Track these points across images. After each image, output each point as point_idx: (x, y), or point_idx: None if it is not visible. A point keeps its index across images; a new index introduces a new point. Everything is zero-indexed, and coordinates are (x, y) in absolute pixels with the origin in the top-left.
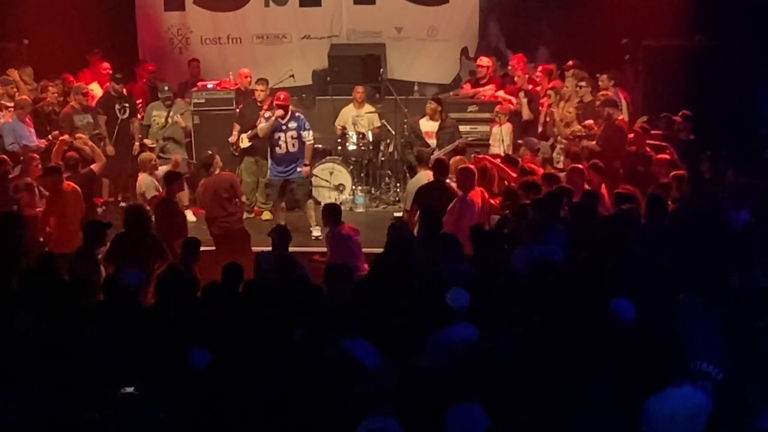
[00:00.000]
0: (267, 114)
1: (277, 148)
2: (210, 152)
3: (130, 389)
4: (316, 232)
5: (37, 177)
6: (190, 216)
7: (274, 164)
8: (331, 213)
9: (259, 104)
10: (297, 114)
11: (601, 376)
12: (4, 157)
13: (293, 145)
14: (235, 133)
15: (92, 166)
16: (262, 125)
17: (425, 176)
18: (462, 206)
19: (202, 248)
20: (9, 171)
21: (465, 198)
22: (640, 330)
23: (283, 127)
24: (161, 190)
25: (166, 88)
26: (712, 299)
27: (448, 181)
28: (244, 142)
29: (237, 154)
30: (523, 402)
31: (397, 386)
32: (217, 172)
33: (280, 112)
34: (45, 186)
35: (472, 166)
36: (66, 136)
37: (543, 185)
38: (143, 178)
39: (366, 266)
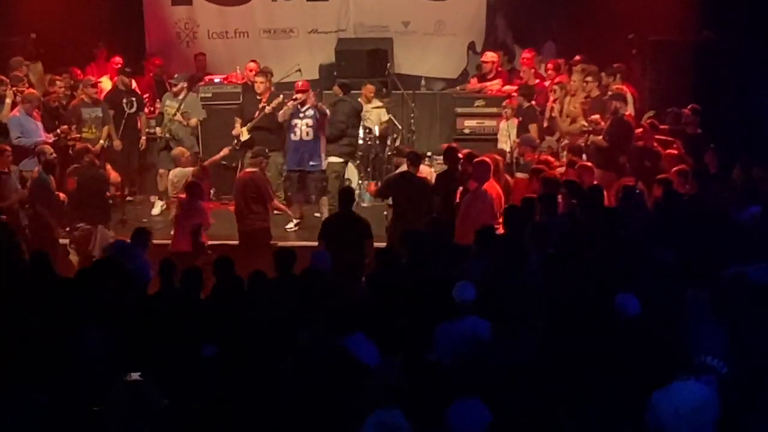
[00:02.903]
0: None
1: (292, 135)
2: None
3: (135, 375)
4: None
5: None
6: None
7: (289, 154)
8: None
9: (258, 97)
10: (319, 104)
11: (605, 371)
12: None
13: (307, 133)
14: (237, 126)
15: (112, 176)
16: (282, 110)
17: None
18: (475, 198)
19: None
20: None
21: (478, 190)
22: (645, 325)
23: (300, 114)
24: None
25: (177, 76)
26: (717, 294)
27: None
28: (245, 135)
29: (239, 147)
30: (527, 397)
31: (402, 380)
32: (251, 169)
33: (299, 95)
34: None
35: (487, 159)
36: (64, 127)
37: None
38: (179, 172)
39: None
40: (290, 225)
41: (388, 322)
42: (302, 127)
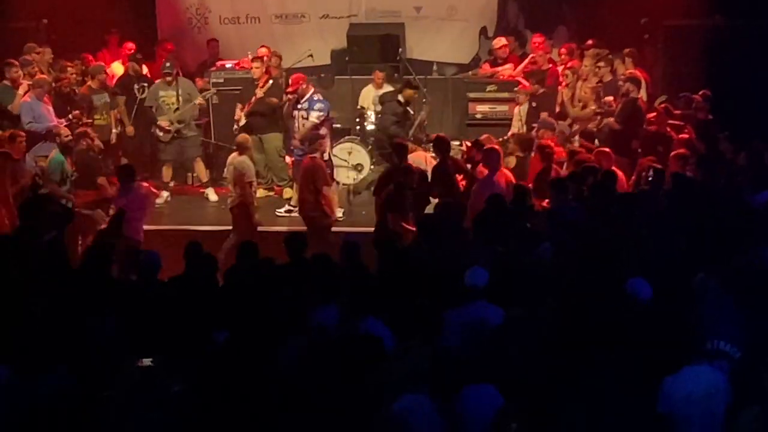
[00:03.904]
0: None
1: (293, 126)
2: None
3: (147, 361)
4: (337, 213)
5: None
6: (211, 195)
7: (291, 141)
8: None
9: (255, 82)
10: (314, 96)
11: (617, 356)
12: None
13: (303, 125)
14: (237, 111)
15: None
16: (284, 107)
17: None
18: (486, 186)
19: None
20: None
21: (490, 179)
22: (656, 309)
23: (299, 106)
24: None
25: (168, 64)
26: (730, 278)
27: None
28: (243, 120)
29: (237, 132)
30: (538, 382)
31: (426, 364)
32: (317, 155)
33: (291, 96)
34: None
35: (497, 147)
36: (76, 112)
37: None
38: (244, 160)
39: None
40: (281, 210)
41: (401, 307)
42: (299, 119)
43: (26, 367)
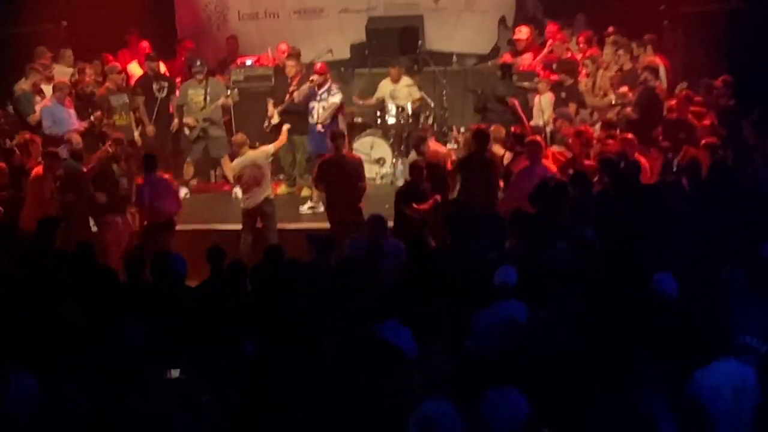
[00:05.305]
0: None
1: (310, 118)
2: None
3: (175, 372)
4: None
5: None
6: (239, 193)
7: (309, 138)
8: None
9: (289, 79)
10: (333, 87)
11: (644, 352)
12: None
13: (320, 113)
14: (270, 107)
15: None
16: (298, 90)
17: None
18: (530, 177)
19: None
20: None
21: (533, 170)
22: (683, 304)
23: (318, 98)
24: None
25: (198, 63)
26: (757, 272)
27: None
28: (275, 118)
29: (269, 130)
30: (566, 381)
31: (449, 369)
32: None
33: (315, 77)
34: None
35: (540, 138)
36: (98, 114)
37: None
38: (257, 155)
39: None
40: (304, 207)
41: (425, 309)
42: (319, 111)
43: (54, 376)
